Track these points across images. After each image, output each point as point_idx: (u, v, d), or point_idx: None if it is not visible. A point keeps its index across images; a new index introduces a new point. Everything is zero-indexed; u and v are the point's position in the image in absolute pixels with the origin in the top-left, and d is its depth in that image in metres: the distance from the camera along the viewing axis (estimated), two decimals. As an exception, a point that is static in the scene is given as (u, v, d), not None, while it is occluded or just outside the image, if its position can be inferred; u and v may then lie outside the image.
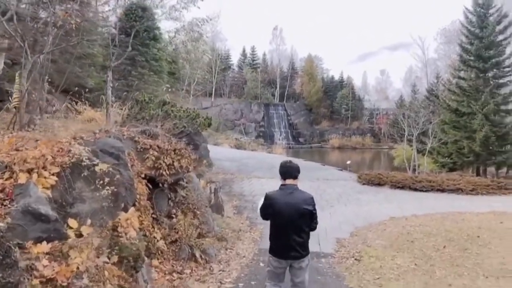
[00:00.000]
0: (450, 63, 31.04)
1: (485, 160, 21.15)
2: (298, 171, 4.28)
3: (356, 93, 72.20)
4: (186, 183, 8.06)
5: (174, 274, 6.04)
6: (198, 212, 7.68)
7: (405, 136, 22.92)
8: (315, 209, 4.20)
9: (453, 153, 22.04)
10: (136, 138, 6.66)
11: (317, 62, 76.93)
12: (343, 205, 14.47)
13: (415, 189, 17.53)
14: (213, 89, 66.75)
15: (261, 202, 4.44)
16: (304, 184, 19.76)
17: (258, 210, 4.54)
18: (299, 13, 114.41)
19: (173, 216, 7.22)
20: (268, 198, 4.18)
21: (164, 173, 6.62)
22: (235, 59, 77.10)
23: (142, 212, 6.14)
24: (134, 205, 5.94)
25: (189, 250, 6.83)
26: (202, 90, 68.65)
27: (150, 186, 6.44)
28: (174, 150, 6.78)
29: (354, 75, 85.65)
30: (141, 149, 6.60)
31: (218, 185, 11.08)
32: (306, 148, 58.71)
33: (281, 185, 4.20)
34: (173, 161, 6.71)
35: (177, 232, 6.80)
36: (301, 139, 64.61)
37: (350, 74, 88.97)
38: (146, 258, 5.56)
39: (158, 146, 6.67)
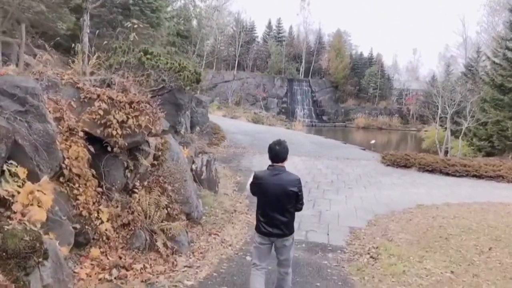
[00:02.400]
0: (495, 36, 27.84)
1: (533, 144, 18.43)
2: (287, 153, 4.18)
3: (386, 71, 68.47)
4: (159, 150, 6.32)
5: (115, 271, 4.37)
6: (168, 188, 5.97)
7: (438, 115, 20.47)
8: (300, 191, 4.15)
9: (493, 135, 19.45)
10: (80, 85, 4.93)
11: (346, 38, 73.17)
12: (362, 187, 12.55)
13: (447, 174, 15.40)
14: (236, 62, 64.52)
15: (250, 179, 4.46)
16: (321, 162, 17.94)
17: (248, 186, 4.53)
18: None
19: (132, 191, 5.53)
20: (255, 178, 4.26)
21: (114, 133, 4.89)
22: (260, 31, 74.25)
23: (76, 183, 4.45)
24: (59, 173, 4.24)
25: (147, 237, 5.15)
26: (215, 58, 66.79)
27: (93, 150, 4.72)
28: (131, 103, 5.02)
29: (385, 53, 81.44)
30: (85, 99, 4.88)
31: (212, 156, 9.35)
32: (329, 127, 56.23)
33: (269, 165, 4.20)
34: (127, 118, 4.96)
35: (132, 212, 5.11)
36: (324, 117, 61.94)
37: (380, 51, 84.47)
38: (64, 249, 3.90)
39: (109, 97, 4.92)
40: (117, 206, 5.08)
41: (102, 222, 4.80)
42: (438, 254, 6.51)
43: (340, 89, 66.11)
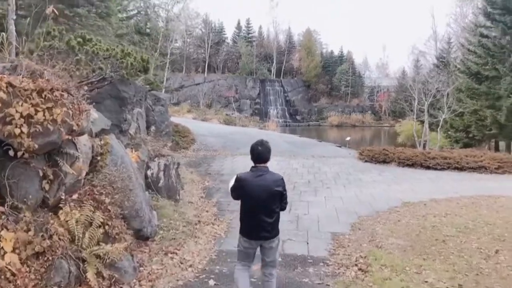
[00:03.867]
0: (466, 25, 27.65)
1: (511, 132, 17.84)
2: (270, 153, 4.04)
3: (357, 69, 68.55)
4: (98, 154, 5.06)
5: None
6: (106, 200, 4.70)
7: (415, 107, 19.81)
8: (285, 190, 4.05)
9: (471, 125, 18.89)
10: (-32, 69, 3.64)
11: (316, 36, 72.91)
12: (342, 186, 11.56)
13: (428, 167, 14.67)
14: (206, 64, 63.21)
15: (232, 182, 4.23)
16: (297, 161, 16.89)
17: (229, 190, 4.28)
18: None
19: (56, 208, 4.25)
20: (238, 180, 4.04)
21: (17, 131, 3.61)
22: (229, 32, 73.22)
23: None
24: None
25: (72, 268, 3.88)
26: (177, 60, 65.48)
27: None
28: (40, 91, 3.75)
29: (355, 50, 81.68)
30: (-26, 88, 3.59)
31: (171, 160, 8.09)
32: (303, 126, 55.51)
33: (252, 166, 4.03)
34: (35, 111, 3.69)
35: (50, 237, 3.83)
36: (298, 117, 61.28)
37: (351, 49, 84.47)
38: None
39: (8, 84, 3.64)
40: (27, 230, 3.79)
41: (4, 253, 3.52)
42: (438, 261, 5.51)
43: (313, 88, 65.80)
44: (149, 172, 7.65)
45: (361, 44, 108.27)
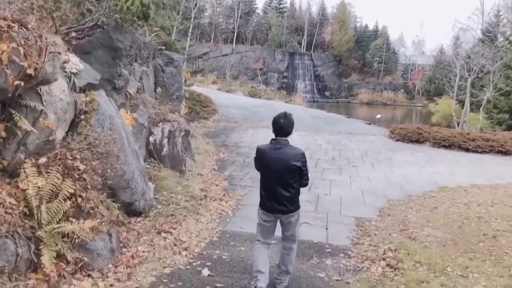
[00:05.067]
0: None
1: None
2: (292, 127, 3.89)
3: (391, 45, 65.35)
4: (81, 112, 4.19)
5: None
6: (80, 167, 3.85)
7: (456, 83, 18.10)
8: (304, 166, 3.84)
9: (518, 106, 17.15)
10: None
11: (350, 9, 69.64)
12: (370, 166, 10.44)
13: (467, 149, 13.30)
14: (235, 35, 61.64)
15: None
16: (321, 137, 15.78)
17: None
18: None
19: (12, 174, 3.43)
20: (258, 151, 3.96)
21: None
22: (260, 2, 71.07)
23: None
24: None
25: (19, 250, 3.06)
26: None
27: None
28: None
29: (391, 26, 77.76)
30: None
31: (178, 126, 7.18)
32: (331, 103, 53.66)
33: (272, 139, 3.88)
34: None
35: (4, 208, 3.01)
36: (327, 93, 59.28)
37: (386, 24, 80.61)
38: None
39: None
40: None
41: None
42: (489, 263, 4.43)
43: (344, 63, 63.28)
44: (151, 139, 6.79)
45: (397, 19, 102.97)
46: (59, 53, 3.87)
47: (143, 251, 4.38)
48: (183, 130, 7.58)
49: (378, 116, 25.09)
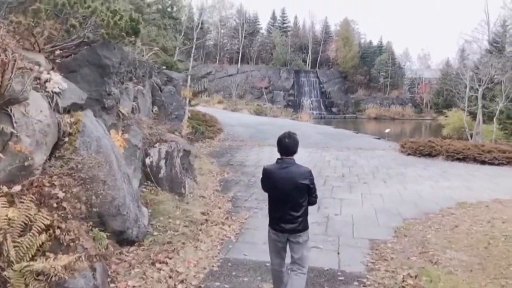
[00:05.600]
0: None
1: None
2: (297, 146, 3.86)
3: (396, 59, 65.04)
4: (65, 134, 3.82)
5: None
6: (59, 195, 3.45)
7: (466, 94, 17.58)
8: (312, 183, 3.83)
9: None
10: None
11: (354, 26, 69.81)
12: (382, 182, 9.94)
13: (482, 162, 12.77)
14: (240, 55, 62.07)
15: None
16: (330, 153, 15.28)
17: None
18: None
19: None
20: (265, 172, 3.94)
21: None
22: (264, 22, 71.74)
23: None
24: None
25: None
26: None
27: None
28: None
29: (395, 41, 77.69)
30: None
31: (176, 147, 6.77)
32: (339, 118, 53.12)
33: (278, 158, 3.87)
34: None
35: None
36: (334, 109, 58.81)
37: (391, 39, 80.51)
38: None
39: None
40: None
41: None
42: (524, 292, 3.90)
43: (350, 79, 63.09)
44: (147, 161, 6.39)
45: (401, 34, 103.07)
46: (30, 69, 3.53)
47: (134, 286, 3.92)
48: (182, 150, 7.17)
49: (387, 130, 24.55)
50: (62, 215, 3.46)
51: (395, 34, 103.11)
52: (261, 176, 4.02)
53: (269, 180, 3.89)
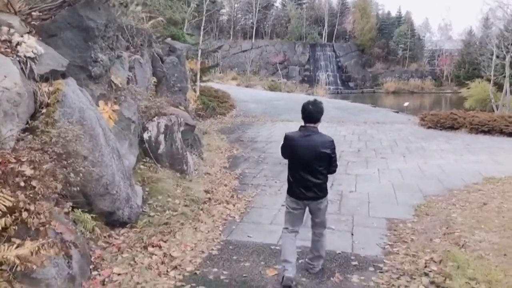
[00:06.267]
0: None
1: None
2: (321, 114, 3.86)
3: (416, 31, 62.68)
4: (42, 105, 3.36)
5: None
6: (26, 173, 3.00)
7: (493, 61, 16.52)
8: (334, 153, 3.83)
9: None
10: None
11: (372, -3, 67.49)
12: (401, 156, 9.32)
13: (510, 134, 11.89)
14: (254, 29, 60.78)
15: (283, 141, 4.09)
16: (345, 128, 14.61)
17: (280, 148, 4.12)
18: None
19: None
20: (286, 139, 3.94)
21: None
22: (278, -5, 69.85)
23: None
24: None
25: None
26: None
27: None
28: None
29: (414, 11, 74.71)
30: None
31: (176, 120, 6.27)
32: (356, 93, 51.77)
33: (301, 126, 3.87)
34: None
35: None
36: (351, 84, 57.35)
37: (410, 9, 77.50)
38: None
39: None
40: None
41: None
42: None
43: (367, 52, 61.23)
44: (145, 135, 5.93)
45: (421, 4, 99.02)
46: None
47: (119, 274, 3.50)
48: (183, 124, 6.68)
49: (406, 104, 23.63)
50: (31, 195, 3.01)
51: (414, 3, 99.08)
52: (272, 151, 4.20)
53: (291, 147, 3.86)
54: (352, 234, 4.88)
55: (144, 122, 5.90)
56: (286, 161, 3.96)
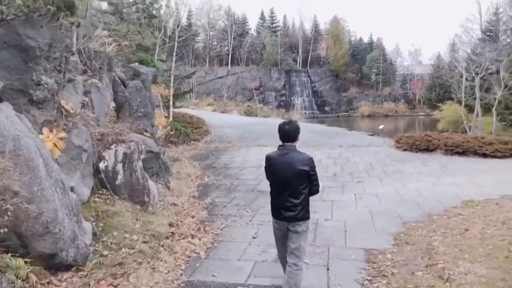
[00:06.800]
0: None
1: None
2: (298, 132, 3.89)
3: (388, 56, 64.59)
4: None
5: None
6: None
7: (463, 84, 16.75)
8: (313, 171, 3.78)
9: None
10: None
11: (343, 24, 69.11)
12: (377, 180, 9.04)
13: (484, 155, 11.91)
14: (229, 56, 61.28)
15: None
16: (321, 152, 14.26)
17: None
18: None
19: None
20: (267, 159, 4.00)
21: None
22: (253, 23, 71.13)
23: None
24: None
25: None
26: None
27: None
28: None
29: (386, 37, 77.19)
30: None
31: (137, 148, 5.79)
32: (332, 117, 52.31)
33: (279, 145, 3.89)
34: None
35: None
36: (326, 108, 57.99)
37: (381, 36, 79.96)
38: None
39: None
40: None
41: None
42: None
43: (341, 77, 62.49)
44: (101, 165, 5.42)
45: (392, 30, 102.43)
46: None
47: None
48: (145, 151, 6.20)
49: (381, 127, 23.78)
50: None
51: (385, 30, 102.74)
52: (245, 178, 4.29)
53: (271, 166, 3.89)
54: (328, 269, 4.44)
55: (100, 150, 5.40)
56: (260, 188, 3.96)
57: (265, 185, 9.20)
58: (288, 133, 3.81)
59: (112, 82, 6.83)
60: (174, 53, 18.97)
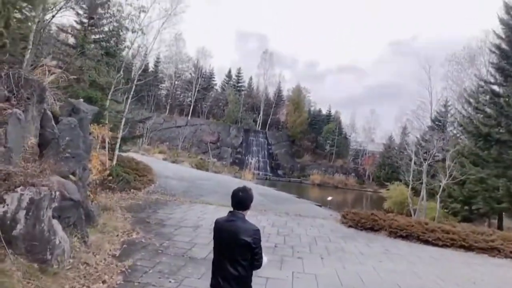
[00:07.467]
0: (464, 90, 25.81)
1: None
2: (251, 201, 3.76)
3: (343, 129, 67.46)
4: None
5: None
6: None
7: (412, 167, 17.19)
8: (255, 244, 3.52)
9: (475, 196, 16.10)
10: None
11: (305, 94, 72.14)
12: (319, 258, 8.54)
13: (426, 241, 11.90)
14: (191, 107, 61.43)
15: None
16: (266, 218, 13.67)
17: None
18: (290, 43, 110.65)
19: None
20: (215, 223, 3.78)
21: None
22: (219, 79, 72.64)
23: None
24: None
25: None
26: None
27: None
28: None
29: (343, 111, 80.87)
30: None
31: (49, 194, 4.95)
32: (284, 181, 52.55)
33: (230, 211, 3.74)
34: None
35: None
36: (280, 171, 58.53)
37: (339, 109, 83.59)
38: None
39: None
40: None
41: None
42: None
43: (297, 143, 64.04)
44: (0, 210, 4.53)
45: (349, 106, 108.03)
46: None
47: None
48: (60, 199, 5.35)
49: (330, 198, 23.81)
50: None
51: (343, 105, 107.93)
52: (178, 239, 3.87)
53: (216, 232, 3.72)
54: None
55: (1, 192, 4.55)
56: (192, 253, 3.42)
57: (199, 251, 8.41)
58: (241, 201, 3.67)
59: (42, 116, 6.09)
60: (130, 95, 18.37)
